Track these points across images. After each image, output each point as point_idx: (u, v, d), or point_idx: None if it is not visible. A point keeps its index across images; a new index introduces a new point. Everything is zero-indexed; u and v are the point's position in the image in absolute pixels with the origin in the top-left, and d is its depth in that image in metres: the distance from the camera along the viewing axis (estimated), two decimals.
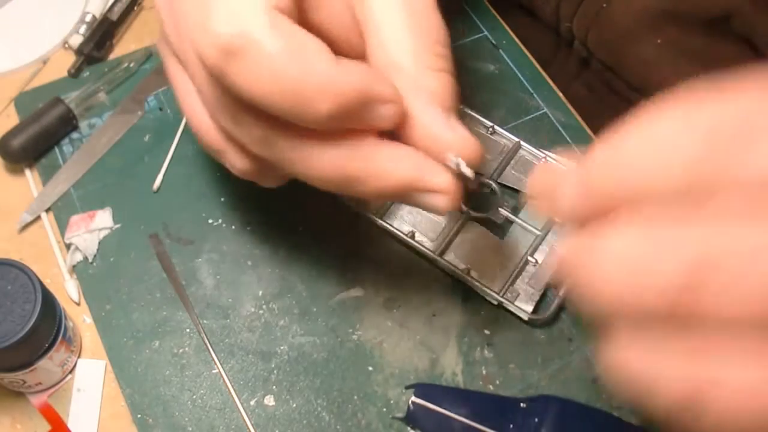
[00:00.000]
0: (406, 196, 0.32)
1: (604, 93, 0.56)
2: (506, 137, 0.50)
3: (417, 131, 0.32)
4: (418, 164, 0.32)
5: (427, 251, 0.45)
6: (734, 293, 0.18)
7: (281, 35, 0.28)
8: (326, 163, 0.31)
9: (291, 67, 0.28)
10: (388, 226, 0.46)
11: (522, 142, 0.50)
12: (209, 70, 0.30)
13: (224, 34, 0.28)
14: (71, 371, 0.42)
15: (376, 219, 0.46)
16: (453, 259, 0.45)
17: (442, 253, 0.45)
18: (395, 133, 0.32)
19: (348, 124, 0.30)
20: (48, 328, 0.38)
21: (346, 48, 0.33)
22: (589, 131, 0.52)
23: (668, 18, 0.47)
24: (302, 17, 0.31)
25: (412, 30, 0.33)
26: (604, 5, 0.50)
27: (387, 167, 0.31)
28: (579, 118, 0.52)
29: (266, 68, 0.28)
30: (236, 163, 0.35)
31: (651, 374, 0.20)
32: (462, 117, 0.51)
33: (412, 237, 0.46)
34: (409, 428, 0.41)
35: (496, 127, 0.50)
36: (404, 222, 0.46)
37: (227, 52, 0.28)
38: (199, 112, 0.35)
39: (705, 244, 0.18)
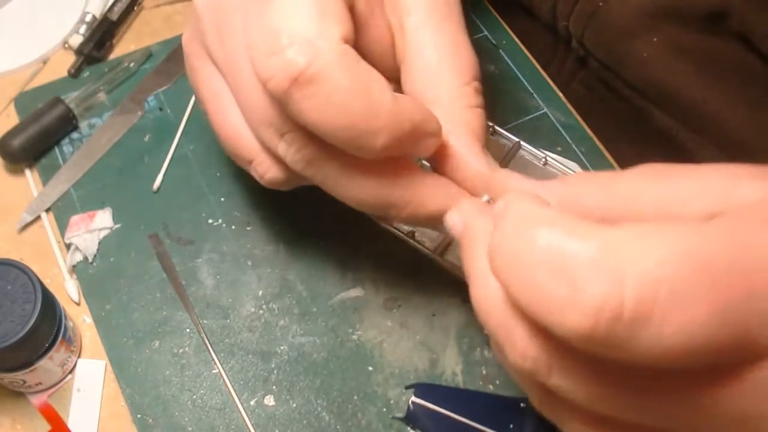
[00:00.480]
0: (437, 222, 0.33)
1: (602, 92, 0.56)
2: (506, 137, 0.50)
3: (460, 167, 0.34)
4: (452, 194, 0.33)
5: (427, 251, 0.45)
6: None
7: (350, 69, 0.29)
8: (369, 188, 0.33)
9: (357, 102, 0.29)
10: (388, 225, 0.46)
11: (522, 143, 0.50)
12: (271, 92, 0.30)
13: (297, 63, 0.28)
14: (71, 371, 0.42)
15: (377, 219, 0.46)
16: (453, 258, 0.45)
17: (442, 253, 0.45)
18: (429, 160, 0.34)
19: (395, 153, 0.31)
20: (48, 328, 0.38)
21: (383, 72, 0.33)
22: (589, 131, 0.52)
23: (664, 16, 0.48)
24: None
25: (453, 64, 0.35)
26: (601, 4, 0.50)
27: (425, 197, 0.33)
28: (579, 118, 0.52)
29: (334, 100, 0.29)
30: (268, 173, 0.36)
31: None
32: None
33: (412, 237, 0.46)
34: (409, 428, 0.41)
35: (496, 127, 0.50)
36: None
37: (297, 80, 0.28)
38: (234, 122, 0.35)
39: None
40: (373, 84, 0.29)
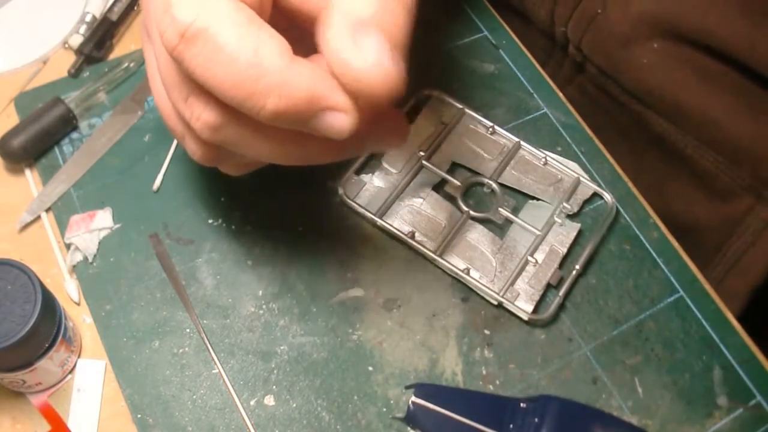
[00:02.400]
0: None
1: (599, 97, 0.55)
2: (506, 137, 0.50)
3: (323, 44, 0.29)
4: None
5: (427, 251, 0.45)
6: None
7: (238, 26, 0.28)
8: (274, 148, 0.32)
9: (242, 62, 0.28)
10: (388, 226, 0.46)
11: (522, 142, 0.50)
12: (168, 52, 0.30)
13: (184, 19, 0.28)
14: (71, 371, 0.42)
15: (376, 219, 0.46)
16: (453, 259, 0.45)
17: (442, 253, 0.45)
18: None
19: (296, 126, 0.30)
20: (48, 328, 0.38)
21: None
22: (589, 131, 0.52)
23: (664, 24, 0.47)
24: None
25: None
26: (599, 10, 0.50)
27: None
28: (579, 118, 0.52)
29: (219, 58, 0.28)
30: (193, 148, 0.35)
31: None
32: (462, 117, 0.51)
33: (412, 237, 0.46)
34: (409, 428, 0.41)
35: (496, 127, 0.50)
36: (404, 222, 0.46)
37: (185, 36, 0.28)
38: (162, 94, 0.35)
39: None
40: (263, 44, 0.28)
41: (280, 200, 0.48)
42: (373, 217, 0.46)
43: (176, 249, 0.45)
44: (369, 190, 0.47)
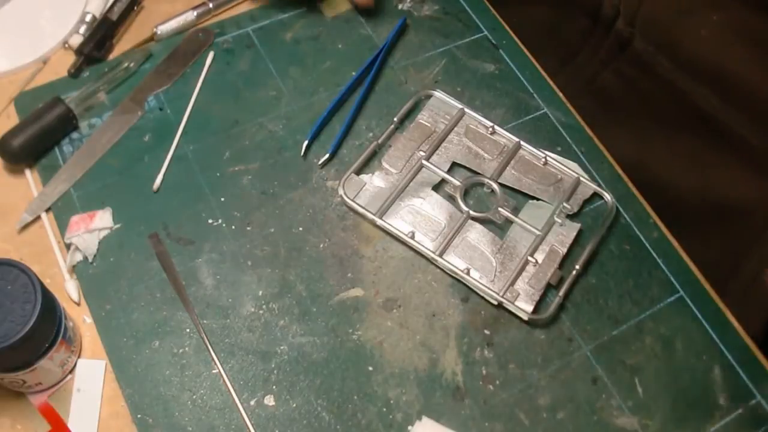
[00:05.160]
0: None
1: (638, 78, 0.54)
2: (506, 137, 0.50)
3: None
4: None
5: (427, 251, 0.45)
6: None
7: None
8: None
9: None
10: (388, 225, 0.46)
11: (522, 142, 0.50)
12: None
13: None
14: (71, 371, 0.42)
15: (376, 219, 0.46)
16: (453, 259, 0.45)
17: (441, 253, 0.45)
18: None
19: None
20: (48, 328, 0.38)
21: None
22: (589, 131, 0.52)
23: None
24: None
25: None
26: None
27: None
28: (579, 118, 0.52)
29: None
30: None
31: None
32: (462, 117, 0.51)
33: (412, 237, 0.46)
34: (409, 428, 0.41)
35: (496, 127, 0.50)
36: (405, 222, 0.46)
37: None
38: None
39: None
40: None
41: (280, 200, 0.48)
42: (373, 216, 0.46)
43: (176, 249, 0.45)
44: (369, 190, 0.47)
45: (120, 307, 0.43)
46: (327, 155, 0.49)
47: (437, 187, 0.48)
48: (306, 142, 0.49)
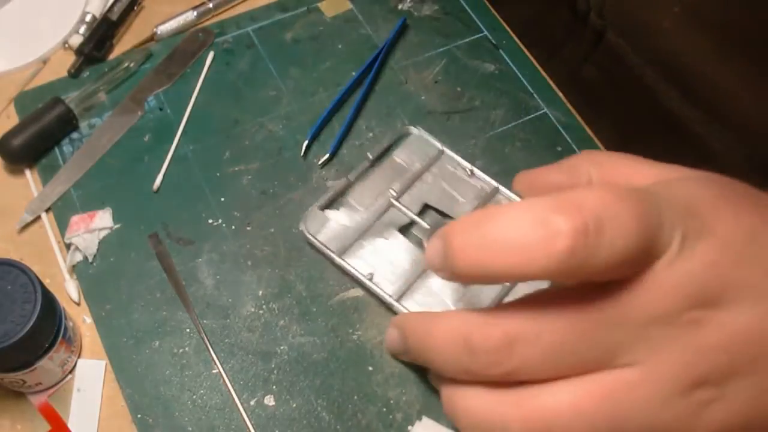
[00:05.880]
0: None
1: (616, 71, 0.54)
2: (485, 181, 0.48)
3: None
4: None
5: (385, 294, 0.43)
6: None
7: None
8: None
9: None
10: (346, 265, 0.44)
11: (501, 188, 0.47)
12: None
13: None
14: (71, 371, 0.42)
15: (335, 257, 0.44)
16: (411, 305, 0.43)
17: (399, 298, 0.43)
18: None
19: None
20: (48, 328, 0.38)
21: None
22: (589, 131, 0.52)
23: None
24: None
25: None
26: None
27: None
28: (579, 118, 0.52)
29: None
30: None
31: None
32: (440, 157, 0.49)
33: (371, 278, 0.44)
34: (408, 428, 0.41)
35: (475, 170, 0.48)
36: (365, 263, 0.44)
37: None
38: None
39: None
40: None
41: (280, 200, 0.48)
42: (332, 255, 0.44)
43: (176, 249, 0.45)
44: (332, 227, 0.45)
45: (120, 307, 0.43)
46: (327, 155, 0.49)
47: (405, 229, 0.46)
48: (306, 142, 0.49)
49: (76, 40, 0.53)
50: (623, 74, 0.54)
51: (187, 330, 0.43)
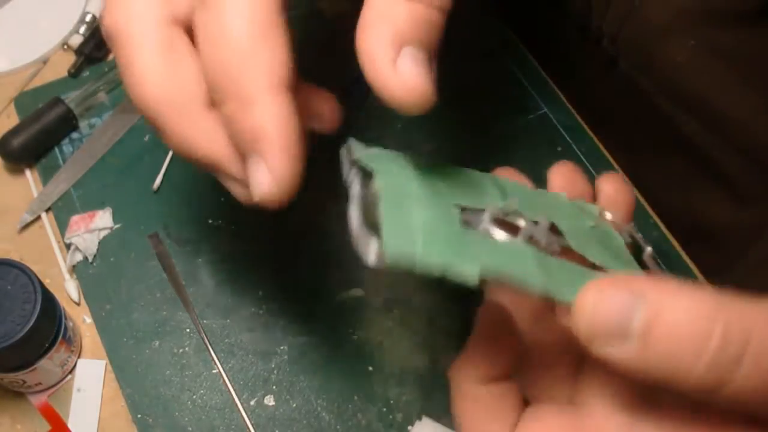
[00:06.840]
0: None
1: (627, 96, 0.54)
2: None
3: (364, 67, 0.28)
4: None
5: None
6: None
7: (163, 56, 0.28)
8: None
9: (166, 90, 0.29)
10: None
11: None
12: None
13: (107, 22, 0.28)
14: (71, 371, 0.42)
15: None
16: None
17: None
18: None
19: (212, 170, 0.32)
20: (48, 328, 0.38)
21: None
22: (589, 131, 0.52)
23: (703, 17, 0.46)
24: None
25: None
26: (637, 3, 0.49)
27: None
28: (579, 119, 0.52)
29: (141, 77, 0.28)
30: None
31: None
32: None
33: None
34: (408, 428, 0.41)
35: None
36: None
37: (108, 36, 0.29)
38: None
39: None
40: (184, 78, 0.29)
41: None
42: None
43: (176, 249, 0.45)
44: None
45: (120, 307, 0.43)
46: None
47: None
48: None
49: (76, 40, 0.53)
50: (636, 99, 0.53)
51: (187, 330, 0.43)
